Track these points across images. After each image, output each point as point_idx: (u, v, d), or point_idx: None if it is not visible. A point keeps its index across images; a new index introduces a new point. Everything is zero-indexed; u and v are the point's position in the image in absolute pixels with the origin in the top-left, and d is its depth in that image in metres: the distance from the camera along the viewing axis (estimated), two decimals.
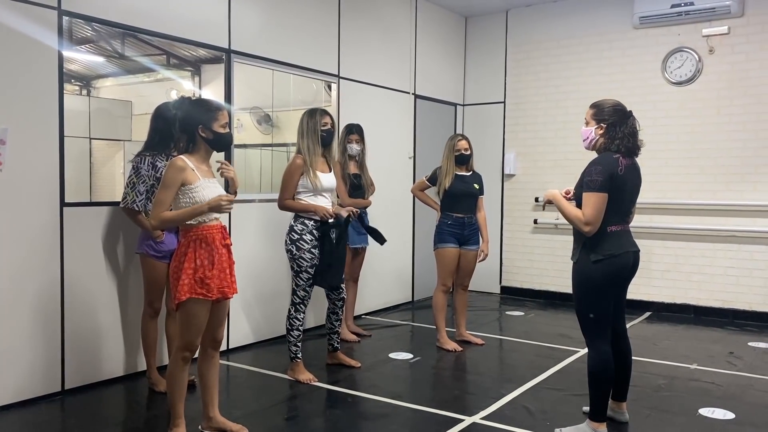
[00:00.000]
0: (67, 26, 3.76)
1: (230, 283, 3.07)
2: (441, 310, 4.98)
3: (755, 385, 4.15)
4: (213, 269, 2.96)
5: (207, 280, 2.94)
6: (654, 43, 6.40)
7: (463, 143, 4.90)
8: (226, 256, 3.05)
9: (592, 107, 3.25)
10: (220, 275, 2.99)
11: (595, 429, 3.17)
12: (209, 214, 2.97)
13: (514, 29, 7.27)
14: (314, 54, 5.45)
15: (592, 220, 3.04)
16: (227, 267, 3.05)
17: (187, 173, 2.94)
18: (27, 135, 3.57)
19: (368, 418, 3.55)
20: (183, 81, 4.78)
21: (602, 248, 3.10)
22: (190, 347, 3.02)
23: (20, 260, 3.56)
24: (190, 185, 2.94)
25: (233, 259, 3.12)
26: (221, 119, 3.03)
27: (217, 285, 2.99)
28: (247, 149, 5.37)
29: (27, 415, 3.48)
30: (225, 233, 3.08)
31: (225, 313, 3.20)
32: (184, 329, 3.01)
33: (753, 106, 5.96)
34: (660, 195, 6.35)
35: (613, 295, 3.18)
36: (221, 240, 3.02)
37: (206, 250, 2.96)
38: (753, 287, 5.99)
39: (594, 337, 3.16)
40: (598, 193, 3.03)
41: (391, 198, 6.35)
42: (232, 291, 3.09)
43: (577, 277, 3.19)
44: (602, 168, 3.05)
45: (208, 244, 2.97)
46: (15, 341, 3.55)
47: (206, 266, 2.95)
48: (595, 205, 3.04)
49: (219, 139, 3.04)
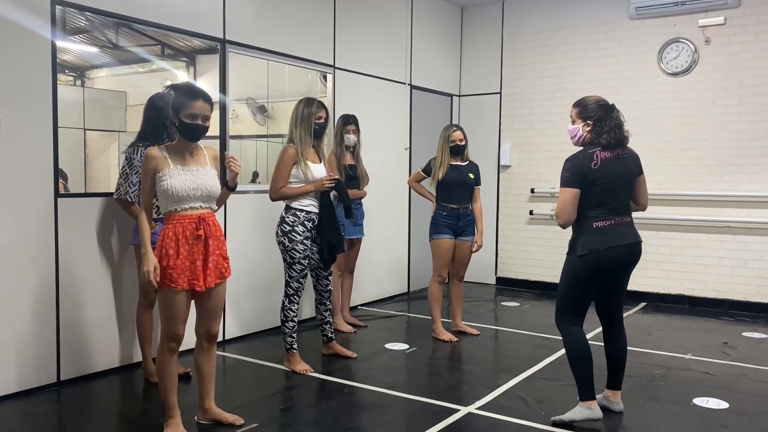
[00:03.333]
0: (61, 16, 3.73)
1: (202, 276, 2.96)
2: (436, 301, 4.99)
3: (749, 375, 4.18)
4: (178, 259, 2.90)
5: (170, 270, 2.89)
6: (650, 34, 6.40)
7: (457, 134, 4.89)
8: (199, 248, 2.96)
9: (576, 105, 3.34)
10: (190, 266, 2.93)
11: (588, 407, 3.22)
12: (182, 202, 2.93)
13: (510, 20, 7.25)
14: (310, 44, 5.42)
15: (560, 213, 3.22)
16: (199, 259, 2.96)
17: (158, 161, 2.94)
18: (21, 126, 3.54)
19: (364, 408, 3.56)
20: (178, 72, 4.75)
21: (588, 243, 3.20)
22: (172, 337, 2.99)
23: (15, 252, 3.55)
24: (159, 174, 2.93)
25: (219, 252, 3.03)
26: (190, 109, 2.93)
27: (188, 276, 2.93)
28: (243, 140, 5.35)
29: (23, 406, 3.48)
30: (201, 224, 2.96)
31: (216, 306, 3.12)
32: (163, 319, 3.01)
33: (748, 97, 5.96)
34: (655, 186, 6.34)
35: (597, 286, 3.28)
36: (193, 231, 2.94)
37: (173, 240, 2.91)
38: (747, 278, 6.02)
39: (564, 319, 3.30)
40: (566, 188, 3.21)
41: (387, 189, 6.35)
42: (205, 284, 2.97)
43: (565, 265, 3.32)
44: (572, 165, 3.22)
45: (175, 234, 2.92)
46: (10, 333, 3.54)
47: (171, 256, 2.90)
48: (563, 200, 3.21)
49: (183, 128, 2.96)
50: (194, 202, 2.97)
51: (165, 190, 2.92)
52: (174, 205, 2.94)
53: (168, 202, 2.95)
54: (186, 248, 2.93)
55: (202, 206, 3.00)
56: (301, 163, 4.01)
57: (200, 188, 2.97)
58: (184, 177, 2.94)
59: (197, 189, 2.96)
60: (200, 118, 2.97)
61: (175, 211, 2.95)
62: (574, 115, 3.33)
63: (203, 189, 2.98)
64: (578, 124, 3.30)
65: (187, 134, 2.99)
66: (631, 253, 3.26)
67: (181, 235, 2.93)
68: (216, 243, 3.03)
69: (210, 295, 3.06)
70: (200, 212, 2.99)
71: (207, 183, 3.00)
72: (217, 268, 3.04)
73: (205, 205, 3.02)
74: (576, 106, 3.33)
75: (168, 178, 2.92)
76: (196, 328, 3.16)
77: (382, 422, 3.34)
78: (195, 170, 2.99)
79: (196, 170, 3.00)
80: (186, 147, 3.02)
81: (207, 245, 2.98)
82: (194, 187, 2.95)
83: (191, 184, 2.95)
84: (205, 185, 2.99)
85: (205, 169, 3.03)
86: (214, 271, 3.02)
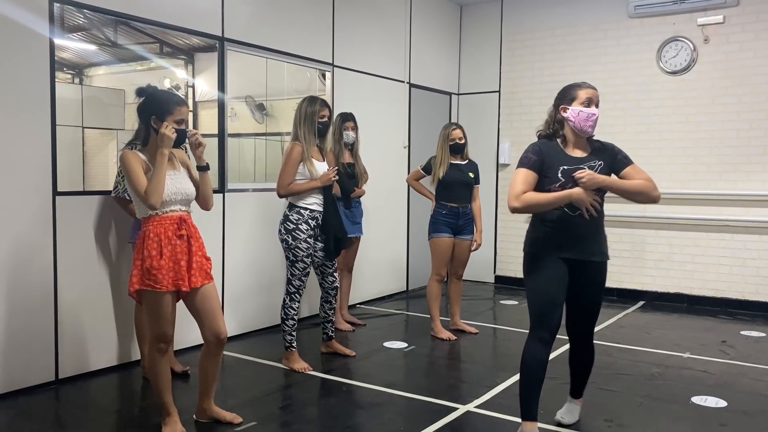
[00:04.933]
0: (59, 13, 3.72)
1: (187, 276, 2.94)
2: (435, 300, 4.99)
3: (747, 374, 4.18)
4: (162, 259, 2.88)
5: (154, 271, 2.87)
6: (649, 33, 6.40)
7: (457, 132, 4.89)
8: (182, 248, 2.95)
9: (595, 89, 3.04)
10: (174, 267, 2.91)
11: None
12: (163, 206, 2.91)
13: (509, 18, 7.24)
14: (308, 42, 5.42)
15: None
16: (183, 259, 2.94)
17: (142, 164, 2.91)
18: (19, 123, 3.54)
19: (362, 407, 3.56)
20: (176, 69, 4.74)
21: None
22: (160, 338, 2.98)
23: (13, 249, 3.54)
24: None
25: (200, 252, 3.02)
26: (178, 114, 2.94)
27: (171, 277, 2.91)
28: (241, 138, 5.34)
29: (21, 404, 3.47)
30: (183, 225, 2.96)
31: (210, 307, 3.05)
32: (149, 321, 3.00)
33: (747, 95, 5.96)
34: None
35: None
36: (175, 231, 2.93)
37: (155, 241, 2.89)
38: (746, 276, 6.03)
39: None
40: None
41: (386, 187, 6.34)
42: (191, 284, 2.96)
43: (604, 275, 3.06)
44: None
45: (157, 235, 2.90)
46: (8, 331, 3.53)
47: (154, 257, 2.88)
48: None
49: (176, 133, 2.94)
50: (174, 205, 2.97)
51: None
52: (153, 209, 2.93)
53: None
54: (169, 248, 2.91)
55: (181, 209, 3.01)
56: (307, 161, 4.02)
57: (180, 192, 2.99)
58: (166, 182, 2.93)
59: (178, 193, 2.97)
60: (184, 122, 3.00)
61: (156, 214, 2.94)
62: (598, 99, 2.99)
63: (183, 193, 3.00)
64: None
65: (177, 140, 2.96)
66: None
67: (164, 236, 2.91)
68: (197, 243, 3.03)
69: (199, 296, 3.02)
70: (180, 214, 2.99)
71: (185, 187, 3.02)
72: (201, 269, 3.02)
73: (183, 208, 3.02)
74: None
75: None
76: (202, 334, 3.11)
77: (381, 421, 3.34)
78: (173, 175, 2.99)
79: (174, 175, 3.00)
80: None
81: (189, 245, 2.98)
82: (175, 192, 2.96)
83: (172, 188, 2.95)
84: (184, 189, 3.01)
85: (181, 173, 3.05)
86: (199, 271, 3.01)
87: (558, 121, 3.00)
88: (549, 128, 3.04)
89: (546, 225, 2.94)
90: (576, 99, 2.93)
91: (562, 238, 2.91)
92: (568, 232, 2.90)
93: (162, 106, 2.95)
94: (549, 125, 3.04)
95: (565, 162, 2.90)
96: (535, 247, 2.97)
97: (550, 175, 2.87)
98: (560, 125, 3.00)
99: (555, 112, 3.02)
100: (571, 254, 2.91)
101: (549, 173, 2.88)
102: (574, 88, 2.98)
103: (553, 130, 3.02)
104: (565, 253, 2.91)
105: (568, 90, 3.00)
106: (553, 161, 2.89)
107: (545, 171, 2.88)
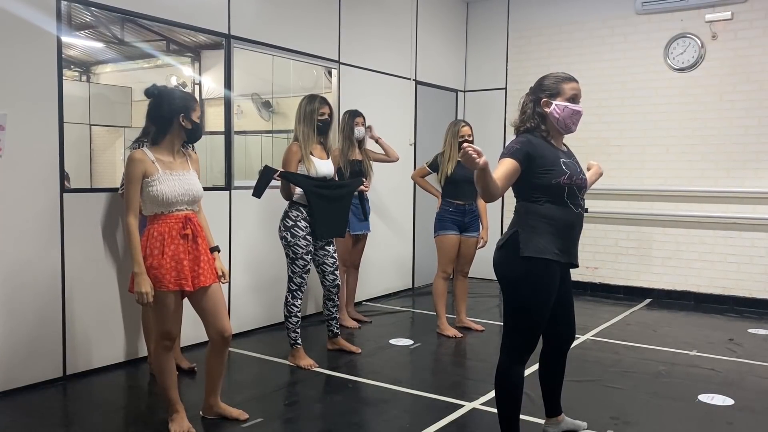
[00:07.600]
0: (66, 11, 3.73)
1: (191, 276, 2.94)
2: (441, 297, 4.99)
3: (755, 372, 4.17)
4: (163, 258, 2.88)
5: (154, 270, 2.87)
6: (656, 29, 6.36)
7: (466, 129, 4.87)
8: (186, 247, 2.94)
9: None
10: (176, 266, 2.91)
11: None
12: (170, 206, 2.92)
13: (516, 14, 7.22)
14: (314, 39, 5.42)
15: None
16: (185, 258, 2.93)
17: (147, 164, 2.90)
18: (27, 121, 3.55)
19: (368, 404, 3.56)
20: (183, 67, 4.76)
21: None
22: (165, 336, 2.99)
23: (21, 246, 3.56)
24: (148, 178, 2.90)
25: (205, 252, 3.01)
26: (198, 109, 3.04)
27: (173, 276, 2.91)
28: (248, 136, 5.35)
29: (29, 400, 3.49)
30: (188, 224, 2.96)
31: (215, 305, 3.05)
32: (154, 319, 3.02)
33: (755, 92, 5.93)
34: (661, 182, 6.33)
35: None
36: (179, 230, 2.93)
37: (158, 239, 2.90)
38: (753, 274, 6.00)
39: None
40: None
41: (392, 185, 6.34)
42: (199, 283, 2.96)
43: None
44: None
45: (161, 233, 2.91)
46: (16, 327, 3.55)
47: (155, 255, 2.88)
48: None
49: (197, 128, 3.03)
50: (181, 205, 2.97)
51: (154, 196, 2.91)
52: (160, 209, 2.93)
53: (154, 206, 2.94)
54: (172, 247, 2.91)
55: (187, 208, 3.01)
56: (306, 160, 4.02)
57: (188, 193, 2.98)
58: (173, 183, 2.93)
59: (185, 194, 2.97)
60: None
61: (162, 213, 2.94)
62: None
63: (191, 194, 3.00)
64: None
65: (199, 134, 3.06)
66: None
67: (167, 234, 2.92)
68: (204, 243, 3.04)
69: (204, 295, 3.02)
70: (186, 213, 3.00)
71: (194, 188, 3.02)
72: (211, 267, 3.03)
73: (189, 207, 3.03)
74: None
75: (157, 184, 2.90)
76: (207, 332, 3.12)
77: (387, 418, 3.34)
78: (182, 175, 2.99)
79: (183, 175, 3.00)
80: (171, 150, 3.01)
81: (197, 244, 2.99)
82: (183, 192, 2.96)
83: (180, 189, 2.95)
84: (192, 190, 3.00)
85: (190, 173, 3.04)
86: (209, 270, 3.02)
87: (539, 115, 2.76)
88: (530, 122, 2.77)
89: (549, 224, 2.64)
90: (561, 94, 2.72)
91: (564, 240, 2.67)
92: (569, 233, 2.69)
93: (186, 104, 3.00)
94: (529, 119, 2.78)
95: (560, 155, 2.72)
96: (537, 253, 2.61)
97: (556, 168, 2.64)
98: (541, 119, 2.75)
99: (534, 106, 2.78)
100: (568, 258, 2.70)
101: (553, 167, 2.64)
102: (559, 82, 2.75)
103: (533, 124, 2.76)
104: (564, 257, 2.67)
105: (551, 83, 2.77)
106: (549, 154, 2.67)
107: (546, 165, 2.63)
